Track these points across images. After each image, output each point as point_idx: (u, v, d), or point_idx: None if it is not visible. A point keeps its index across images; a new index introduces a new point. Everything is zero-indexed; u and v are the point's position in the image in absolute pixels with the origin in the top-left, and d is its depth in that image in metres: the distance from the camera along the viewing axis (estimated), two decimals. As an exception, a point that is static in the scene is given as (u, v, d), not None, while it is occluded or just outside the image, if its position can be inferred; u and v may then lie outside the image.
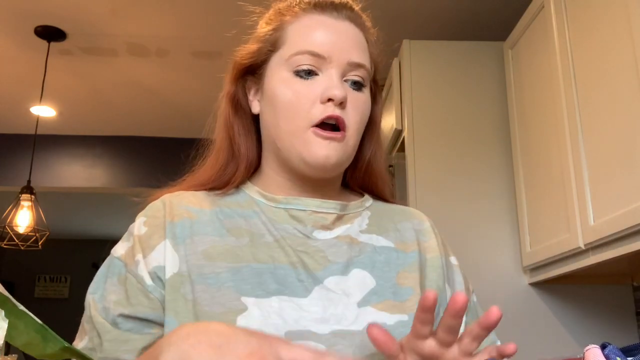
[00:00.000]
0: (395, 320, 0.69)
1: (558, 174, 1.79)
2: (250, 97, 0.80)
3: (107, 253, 0.80)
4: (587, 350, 0.45)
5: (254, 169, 0.81)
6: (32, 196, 3.09)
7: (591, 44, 1.63)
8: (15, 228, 3.04)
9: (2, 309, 0.39)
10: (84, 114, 3.84)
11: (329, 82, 0.72)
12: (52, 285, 6.64)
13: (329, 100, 0.71)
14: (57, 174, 4.09)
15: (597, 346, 0.45)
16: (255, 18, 0.84)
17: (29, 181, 3.14)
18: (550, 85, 1.84)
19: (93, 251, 6.73)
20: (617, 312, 2.09)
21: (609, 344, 0.45)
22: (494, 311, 0.55)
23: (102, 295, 0.72)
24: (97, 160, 4.13)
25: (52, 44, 2.93)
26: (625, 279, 2.08)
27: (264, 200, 0.77)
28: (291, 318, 0.66)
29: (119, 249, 0.76)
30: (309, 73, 0.73)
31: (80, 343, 0.72)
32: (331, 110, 0.71)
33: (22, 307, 0.42)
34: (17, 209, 3.06)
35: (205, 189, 0.79)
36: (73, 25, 2.82)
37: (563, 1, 1.78)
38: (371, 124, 0.82)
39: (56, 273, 6.69)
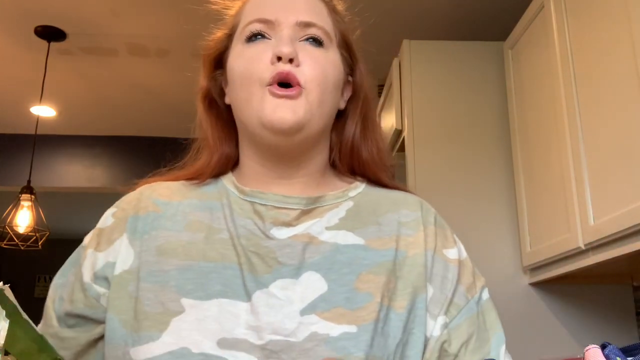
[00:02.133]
0: (341, 331, 0.62)
1: (558, 174, 1.79)
2: (226, 90, 0.79)
3: None
4: (587, 351, 0.45)
5: (234, 162, 0.79)
6: (32, 196, 3.09)
7: (591, 44, 1.63)
8: (15, 228, 3.04)
9: (7, 316, 0.39)
10: (84, 114, 3.84)
11: (278, 41, 0.70)
12: (52, 285, 6.66)
13: (279, 59, 0.68)
14: (57, 174, 4.09)
15: (597, 346, 0.45)
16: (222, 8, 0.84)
17: (29, 181, 3.14)
18: (550, 85, 1.84)
19: (93, 251, 6.73)
20: (617, 312, 2.09)
21: (609, 343, 0.45)
22: None
23: (62, 283, 0.73)
24: (97, 160, 4.13)
25: (52, 44, 2.93)
26: (625, 279, 2.08)
27: (236, 191, 0.74)
28: (228, 324, 0.62)
29: (87, 237, 0.76)
30: (259, 36, 0.71)
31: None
32: (281, 67, 0.68)
33: (25, 316, 0.42)
34: (17, 209, 3.06)
35: (184, 179, 0.78)
36: (73, 25, 2.82)
37: (563, 1, 1.78)
38: (354, 97, 0.78)
39: (56, 273, 6.69)
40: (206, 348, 0.61)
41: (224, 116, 0.79)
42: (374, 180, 0.79)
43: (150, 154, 4.12)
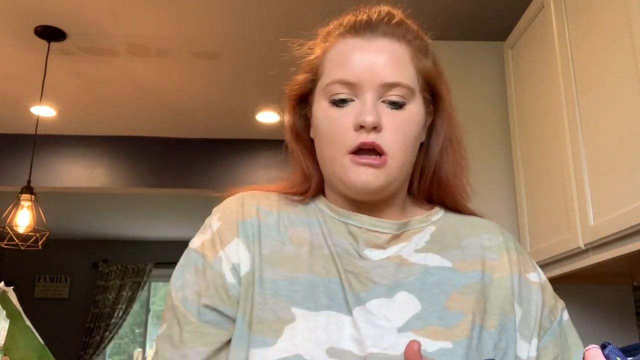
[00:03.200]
0: (438, 347, 0.67)
1: (558, 174, 1.79)
2: (311, 122, 0.82)
3: (108, 253, 0.82)
4: (587, 351, 0.45)
5: (323, 186, 0.83)
6: (32, 196, 3.09)
7: (591, 44, 1.63)
8: (15, 228, 3.04)
9: (12, 323, 0.39)
10: (84, 114, 3.84)
11: (361, 107, 0.72)
12: (52, 285, 6.64)
13: (362, 127, 0.71)
14: (57, 174, 4.09)
15: (597, 346, 0.45)
16: (301, 48, 0.85)
17: (29, 181, 3.14)
18: (550, 85, 1.84)
19: (93, 251, 6.73)
20: (617, 312, 2.09)
21: (609, 343, 0.45)
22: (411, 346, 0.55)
23: (182, 284, 0.74)
24: (97, 160, 4.13)
25: (52, 44, 2.93)
26: (625, 279, 2.08)
27: (329, 211, 0.78)
28: (335, 335, 0.67)
29: (195, 242, 0.77)
30: (344, 101, 0.73)
31: (159, 330, 0.75)
32: (364, 137, 0.71)
33: (28, 323, 0.42)
34: (17, 209, 3.05)
35: (284, 193, 0.82)
36: (73, 25, 2.82)
37: (563, 1, 1.78)
38: (434, 134, 0.81)
39: (56, 273, 6.68)
40: (317, 356, 0.65)
41: (312, 147, 0.81)
42: (452, 207, 0.83)
43: (150, 154, 4.12)
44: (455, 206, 0.83)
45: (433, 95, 0.80)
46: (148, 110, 3.78)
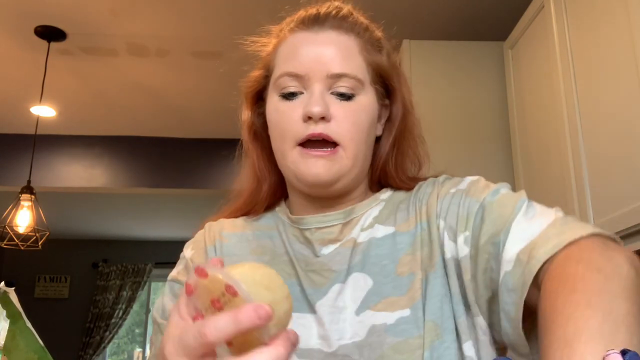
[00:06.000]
0: (396, 317, 0.67)
1: (558, 174, 1.79)
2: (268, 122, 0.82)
3: (108, 253, 0.84)
4: (607, 355, 0.43)
5: (283, 190, 0.83)
6: (32, 196, 3.09)
7: (591, 44, 1.63)
8: (15, 228, 3.04)
9: (12, 324, 0.39)
10: (84, 114, 3.84)
11: (309, 99, 0.72)
12: (52, 285, 6.64)
13: (310, 118, 0.71)
14: (57, 174, 4.09)
15: (617, 352, 0.43)
16: (254, 45, 0.85)
17: (29, 181, 3.14)
18: (550, 85, 1.84)
19: (93, 251, 6.73)
20: (617, 312, 2.08)
21: (629, 350, 0.44)
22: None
23: (162, 309, 0.78)
24: (97, 160, 4.13)
25: (52, 44, 2.93)
26: (625, 279, 2.08)
27: (287, 220, 0.80)
28: (303, 336, 0.67)
29: (173, 273, 0.82)
30: (293, 95, 0.73)
31: (148, 355, 0.79)
32: (312, 128, 0.71)
33: (29, 325, 0.42)
34: (17, 209, 3.05)
35: (242, 214, 0.85)
36: (73, 25, 2.82)
37: (563, 1, 1.78)
38: (387, 127, 0.80)
39: (56, 273, 6.68)
40: None
41: (269, 145, 0.81)
42: (398, 188, 0.82)
43: (150, 154, 4.12)
44: (400, 187, 0.81)
45: (387, 88, 0.80)
46: (148, 110, 3.78)
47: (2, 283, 0.45)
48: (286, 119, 0.73)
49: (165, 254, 6.70)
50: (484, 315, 0.65)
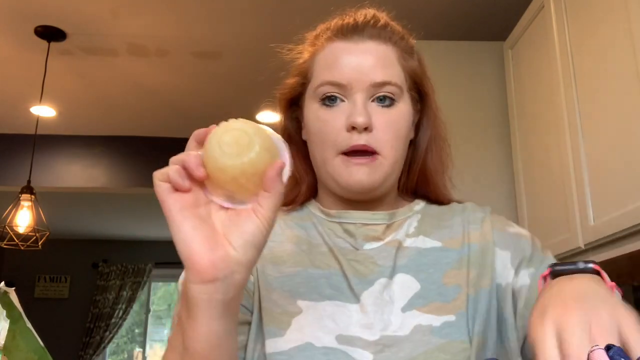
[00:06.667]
0: (442, 321, 0.71)
1: (558, 174, 1.79)
2: (302, 124, 0.84)
3: (108, 253, 0.83)
4: (592, 352, 0.44)
5: (316, 188, 0.86)
6: (32, 196, 3.09)
7: (591, 44, 1.63)
8: (15, 228, 3.04)
9: (13, 324, 0.39)
10: (84, 114, 3.84)
11: (352, 108, 0.74)
12: (52, 285, 6.63)
13: (353, 128, 0.73)
14: (57, 174, 4.09)
15: (602, 347, 0.44)
16: (290, 53, 0.87)
17: (29, 181, 3.14)
18: (550, 85, 1.84)
19: (93, 251, 6.72)
20: (617, 312, 2.08)
21: (614, 345, 0.44)
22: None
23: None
24: (97, 160, 4.13)
25: (52, 44, 2.93)
26: (625, 279, 2.08)
27: (322, 214, 0.81)
28: (342, 323, 0.70)
29: None
30: (333, 99, 0.75)
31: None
32: (356, 138, 0.73)
33: (29, 325, 0.42)
34: (17, 209, 3.05)
35: None
36: (73, 25, 2.82)
37: (563, 1, 1.78)
38: (421, 131, 0.83)
39: (56, 273, 6.67)
40: (327, 343, 0.69)
41: (304, 149, 0.83)
42: (434, 199, 0.86)
43: (150, 154, 4.12)
44: (437, 198, 0.85)
45: (419, 93, 0.83)
46: (148, 110, 3.78)
47: (2, 283, 0.45)
48: (329, 127, 0.75)
49: (165, 254, 6.69)
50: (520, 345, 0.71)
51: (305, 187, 0.84)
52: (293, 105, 0.85)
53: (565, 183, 1.74)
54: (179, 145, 0.85)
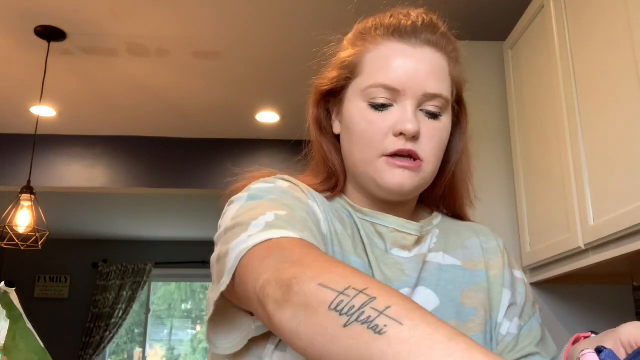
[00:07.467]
0: None
1: (558, 174, 1.79)
2: (333, 117, 0.83)
3: (108, 253, 0.82)
4: (582, 355, 0.43)
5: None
6: (32, 196, 3.09)
7: (591, 44, 1.63)
8: (15, 228, 3.03)
9: (14, 326, 0.39)
10: (84, 114, 3.84)
11: (403, 115, 0.73)
12: (52, 285, 6.63)
13: (401, 134, 0.73)
14: (57, 174, 4.09)
15: (593, 351, 0.43)
16: (334, 45, 0.85)
17: (29, 181, 3.14)
18: (550, 85, 1.84)
19: (93, 251, 6.73)
20: (617, 312, 2.09)
21: (605, 348, 0.44)
22: None
23: (275, 198, 0.70)
24: (97, 160, 4.13)
25: (52, 44, 2.93)
26: (625, 279, 2.08)
27: (353, 210, 0.80)
28: None
29: (281, 183, 0.75)
30: (383, 106, 0.74)
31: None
32: (402, 144, 0.73)
33: (29, 326, 0.42)
34: (17, 209, 3.05)
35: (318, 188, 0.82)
36: (73, 25, 2.81)
37: (563, 1, 1.78)
38: (455, 142, 0.84)
39: (56, 273, 6.67)
40: None
41: (334, 141, 0.83)
42: (457, 212, 0.87)
43: (150, 154, 4.12)
44: (459, 211, 0.87)
45: (459, 104, 0.85)
46: (148, 110, 3.78)
47: (2, 283, 0.45)
48: (376, 129, 0.74)
49: (165, 254, 6.70)
50: None
51: (342, 179, 0.82)
52: (329, 96, 0.83)
53: (565, 183, 1.73)
54: (179, 145, 0.85)
